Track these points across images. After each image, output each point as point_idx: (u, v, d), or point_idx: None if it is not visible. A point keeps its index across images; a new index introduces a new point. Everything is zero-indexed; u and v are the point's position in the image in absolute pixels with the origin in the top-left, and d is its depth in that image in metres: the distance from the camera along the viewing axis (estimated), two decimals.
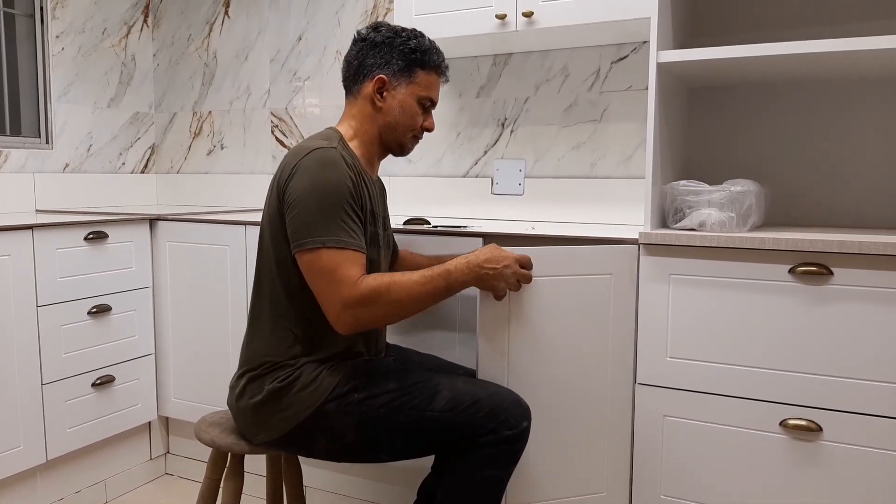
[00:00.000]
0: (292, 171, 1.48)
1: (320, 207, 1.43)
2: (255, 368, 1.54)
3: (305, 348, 1.53)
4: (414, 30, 1.65)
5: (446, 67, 1.69)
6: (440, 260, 1.73)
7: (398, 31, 1.63)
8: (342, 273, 1.41)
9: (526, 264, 1.58)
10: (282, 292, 1.53)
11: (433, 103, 1.68)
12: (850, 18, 1.92)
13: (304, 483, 2.28)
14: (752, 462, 1.64)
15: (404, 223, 2.09)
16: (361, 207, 1.51)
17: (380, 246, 1.61)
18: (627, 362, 1.72)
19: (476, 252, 1.54)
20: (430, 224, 2.09)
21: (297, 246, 1.45)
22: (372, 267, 1.55)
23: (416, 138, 1.68)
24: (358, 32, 1.66)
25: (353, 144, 1.61)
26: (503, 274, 1.53)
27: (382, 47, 1.61)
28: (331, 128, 1.65)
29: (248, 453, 1.59)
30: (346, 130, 1.63)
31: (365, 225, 1.52)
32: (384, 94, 1.61)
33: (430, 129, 1.69)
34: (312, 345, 1.53)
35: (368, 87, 1.61)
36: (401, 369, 1.60)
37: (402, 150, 1.68)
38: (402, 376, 1.54)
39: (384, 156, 1.70)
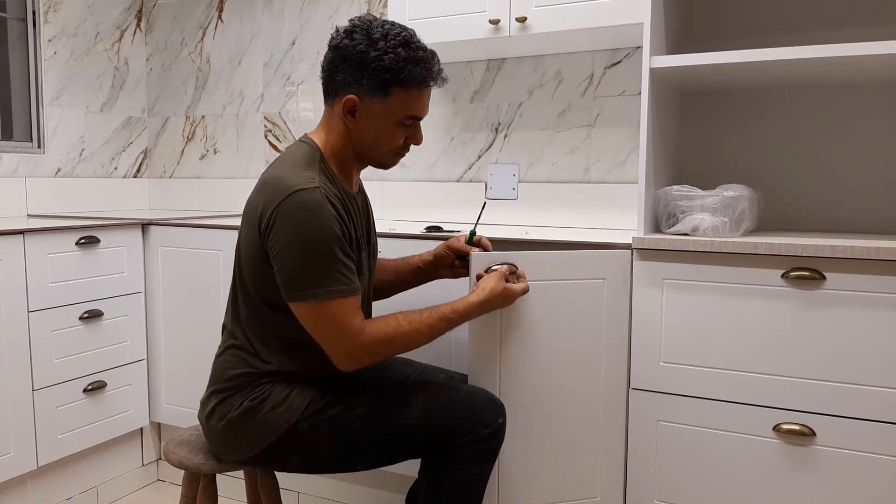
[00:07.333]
0: (273, 217, 1.37)
1: (310, 259, 1.36)
2: (224, 390, 1.50)
3: (275, 369, 1.48)
4: (398, 34, 1.44)
5: (437, 75, 1.49)
6: (407, 263, 1.75)
7: (374, 42, 1.42)
8: (342, 323, 1.38)
9: (522, 278, 1.62)
10: (254, 322, 1.49)
11: (419, 118, 1.51)
12: (843, 24, 1.93)
13: (297, 490, 2.28)
14: (745, 467, 1.64)
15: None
16: (351, 243, 1.45)
17: (364, 273, 1.53)
18: (621, 367, 1.72)
19: (477, 292, 1.53)
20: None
21: (291, 298, 1.39)
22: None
23: (399, 155, 1.55)
24: (332, 35, 1.47)
25: (331, 161, 1.50)
26: (505, 304, 1.58)
27: (353, 63, 1.42)
28: (308, 140, 1.51)
29: (218, 472, 1.55)
30: (324, 144, 1.50)
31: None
32: (356, 114, 1.46)
33: (416, 144, 1.54)
34: (284, 365, 1.48)
35: (339, 106, 1.46)
36: (374, 379, 1.59)
37: (381, 167, 1.56)
38: (376, 386, 1.53)
39: (364, 167, 1.58)
